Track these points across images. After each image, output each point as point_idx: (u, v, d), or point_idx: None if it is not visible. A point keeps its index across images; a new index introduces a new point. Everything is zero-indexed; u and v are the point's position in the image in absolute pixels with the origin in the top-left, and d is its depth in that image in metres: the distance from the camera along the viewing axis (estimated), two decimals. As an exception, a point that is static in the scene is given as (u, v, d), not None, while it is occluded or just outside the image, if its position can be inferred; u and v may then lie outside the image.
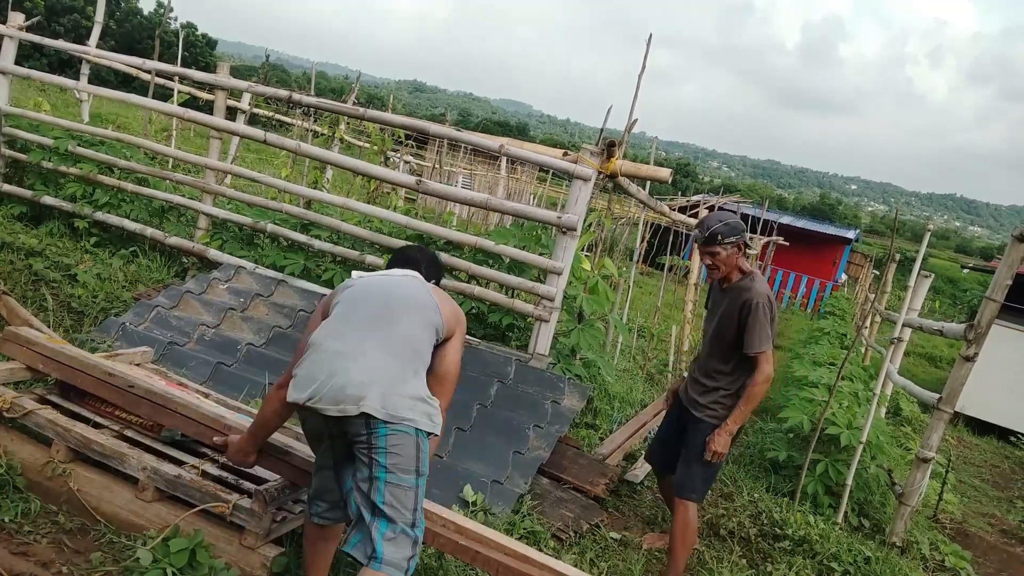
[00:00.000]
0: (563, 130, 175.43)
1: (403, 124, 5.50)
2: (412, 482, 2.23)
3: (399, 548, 2.19)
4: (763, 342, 3.29)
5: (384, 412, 2.18)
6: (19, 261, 4.99)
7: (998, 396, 9.45)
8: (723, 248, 3.33)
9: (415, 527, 2.24)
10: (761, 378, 3.34)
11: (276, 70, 37.35)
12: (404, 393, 2.23)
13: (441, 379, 2.48)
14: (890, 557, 4.07)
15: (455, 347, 2.54)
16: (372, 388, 2.19)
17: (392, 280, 2.52)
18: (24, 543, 2.50)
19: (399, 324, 2.35)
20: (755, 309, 3.29)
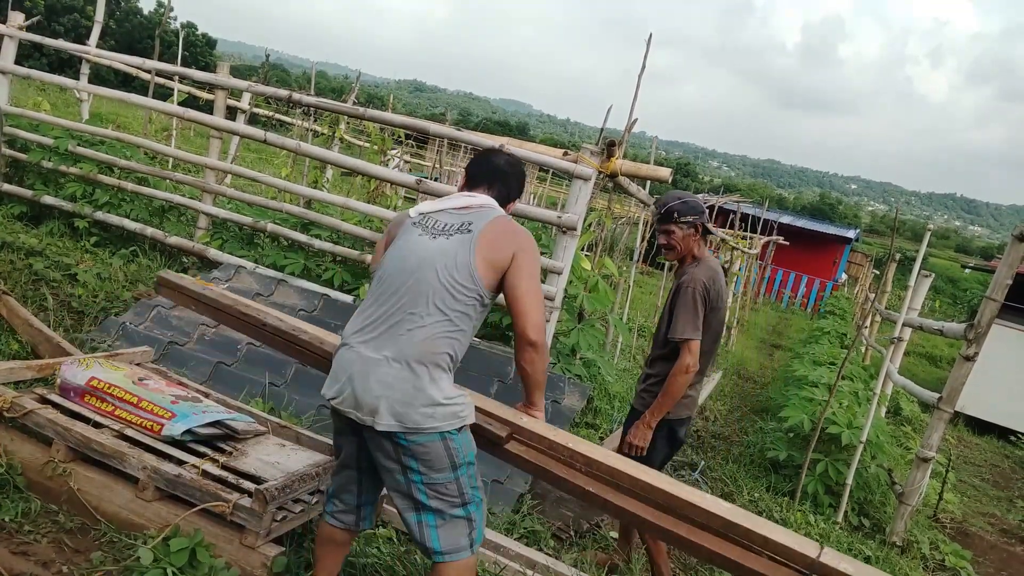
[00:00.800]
0: (563, 130, 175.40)
1: (403, 124, 5.50)
2: (450, 476, 2.20)
3: (453, 533, 2.22)
4: (687, 329, 3.04)
5: (400, 425, 2.14)
6: (19, 261, 4.99)
7: (998, 396, 9.45)
8: (678, 227, 3.17)
9: (466, 505, 2.25)
10: (680, 368, 3.05)
11: (276, 70, 37.35)
12: (420, 402, 2.15)
13: (514, 317, 2.31)
14: (890, 556, 4.08)
15: (515, 278, 2.28)
16: (385, 403, 2.14)
17: (428, 243, 2.29)
18: (24, 543, 2.50)
19: (422, 315, 2.20)
20: (684, 293, 3.08)
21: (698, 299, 3.07)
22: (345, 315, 4.89)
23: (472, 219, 2.32)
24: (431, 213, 2.39)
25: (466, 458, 2.25)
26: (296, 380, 4.21)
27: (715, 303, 3.15)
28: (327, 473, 2.76)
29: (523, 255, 2.30)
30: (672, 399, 3.10)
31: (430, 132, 5.33)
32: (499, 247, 2.28)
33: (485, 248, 2.26)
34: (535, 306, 2.29)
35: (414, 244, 2.32)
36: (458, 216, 2.35)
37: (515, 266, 2.28)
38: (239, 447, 2.92)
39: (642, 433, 3.15)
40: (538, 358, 2.34)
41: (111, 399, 2.90)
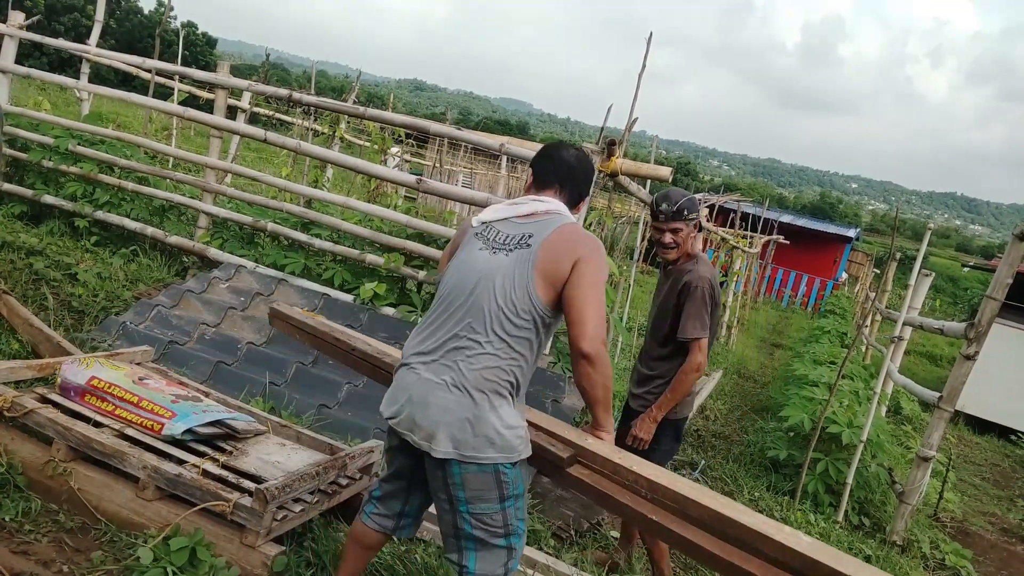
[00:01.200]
0: (563, 129, 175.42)
1: (403, 123, 5.50)
2: (497, 507, 2.14)
3: (491, 560, 2.18)
4: (697, 328, 3.08)
5: (457, 453, 2.06)
6: (19, 260, 4.99)
7: (998, 395, 9.45)
8: (686, 224, 3.16)
9: (509, 536, 2.19)
10: (691, 367, 3.11)
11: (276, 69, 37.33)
12: (479, 432, 2.07)
13: (568, 326, 2.13)
14: (890, 556, 4.08)
15: (573, 287, 2.11)
16: (444, 430, 2.07)
17: (487, 259, 2.19)
18: (25, 542, 2.50)
19: (482, 342, 2.11)
20: (693, 292, 3.09)
21: (706, 298, 3.09)
22: (345, 314, 4.89)
23: (534, 230, 2.19)
24: (494, 223, 2.27)
25: (516, 490, 2.17)
26: (296, 380, 4.21)
27: (717, 299, 3.18)
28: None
29: (584, 264, 2.14)
30: (681, 396, 3.16)
31: (430, 131, 5.33)
32: (559, 259, 2.14)
33: (544, 263, 2.14)
34: (593, 315, 2.11)
35: (474, 259, 2.21)
36: (520, 227, 2.22)
37: (575, 274, 2.13)
38: (239, 446, 2.92)
39: (647, 427, 3.18)
40: (594, 372, 2.13)
41: (111, 398, 2.90)
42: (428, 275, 5.02)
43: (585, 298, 2.12)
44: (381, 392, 4.16)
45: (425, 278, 5.03)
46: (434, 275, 5.00)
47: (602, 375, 2.14)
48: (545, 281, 2.13)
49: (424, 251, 5.05)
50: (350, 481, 2.92)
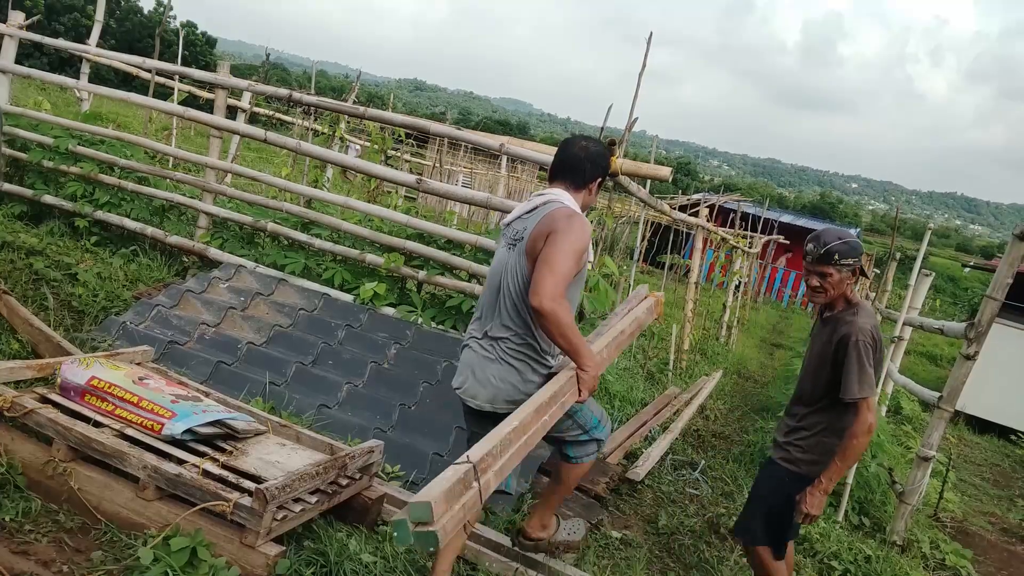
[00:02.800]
0: (564, 129, 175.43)
1: (403, 123, 5.50)
2: (567, 422, 2.66)
3: (582, 448, 2.79)
4: (863, 387, 2.81)
5: (507, 407, 2.49)
6: (20, 260, 4.99)
7: (999, 395, 9.44)
8: (837, 270, 2.88)
9: (589, 431, 2.76)
10: (861, 429, 2.81)
11: (276, 69, 37.32)
12: (524, 391, 2.54)
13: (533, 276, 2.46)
14: (890, 556, 4.07)
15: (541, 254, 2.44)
16: (499, 394, 2.58)
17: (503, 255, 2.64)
18: (25, 542, 2.50)
19: (507, 324, 2.59)
20: (852, 347, 2.83)
21: (870, 352, 2.85)
22: (345, 314, 4.90)
23: (529, 223, 2.58)
24: (512, 222, 2.68)
25: (574, 408, 2.63)
26: (296, 380, 4.21)
27: (880, 353, 2.92)
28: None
29: (555, 234, 2.44)
30: (852, 462, 2.93)
31: (430, 131, 5.33)
32: (539, 239, 2.49)
33: (529, 247, 2.52)
34: (547, 274, 2.38)
35: (499, 256, 2.69)
36: (523, 221, 2.62)
37: (546, 243, 2.44)
38: (239, 446, 2.92)
39: (820, 501, 2.89)
40: (548, 324, 2.40)
41: (111, 398, 2.90)
42: (427, 275, 5.02)
43: (544, 258, 2.42)
44: (381, 393, 4.17)
45: (424, 278, 5.03)
46: (433, 273, 5.00)
47: (557, 325, 2.41)
48: (531, 262, 2.50)
49: (424, 251, 5.05)
50: (350, 481, 2.92)
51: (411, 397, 4.20)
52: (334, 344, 4.58)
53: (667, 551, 3.88)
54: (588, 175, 2.70)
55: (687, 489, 4.73)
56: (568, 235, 2.44)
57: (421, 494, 1.78)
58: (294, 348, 4.49)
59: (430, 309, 5.05)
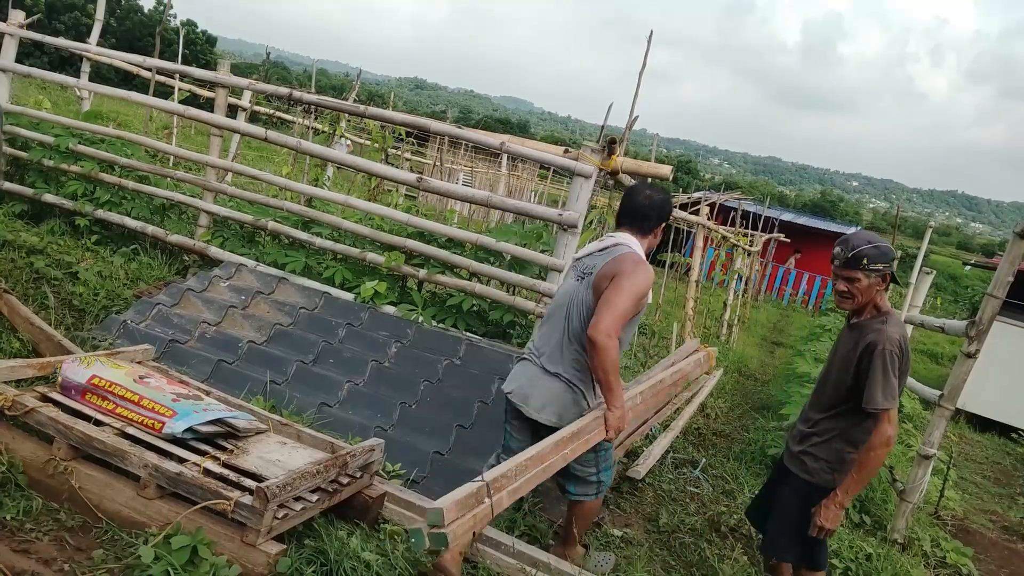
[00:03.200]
0: (564, 127, 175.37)
1: (404, 121, 5.49)
2: (590, 455, 3.00)
3: (584, 488, 3.14)
4: (887, 398, 2.73)
5: (560, 422, 2.93)
6: (20, 259, 4.99)
7: (999, 393, 9.44)
8: (865, 275, 2.82)
9: (598, 474, 3.13)
10: (879, 441, 2.74)
11: (277, 67, 37.31)
12: (575, 410, 2.97)
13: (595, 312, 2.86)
14: (891, 554, 4.07)
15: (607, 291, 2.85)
16: (550, 407, 2.98)
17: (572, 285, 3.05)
18: (26, 541, 2.50)
19: (568, 346, 2.98)
20: (879, 356, 2.74)
21: (895, 363, 2.76)
22: (346, 313, 4.89)
23: (598, 261, 2.99)
24: (583, 257, 3.12)
25: (602, 446, 3.02)
26: (297, 378, 4.21)
27: (906, 364, 2.83)
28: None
29: (620, 276, 2.85)
30: (870, 475, 2.83)
31: (431, 130, 5.32)
32: (605, 278, 2.89)
33: (596, 283, 2.92)
34: (608, 313, 2.77)
35: (567, 284, 3.12)
36: (593, 258, 3.03)
37: (611, 283, 2.85)
38: (240, 445, 2.92)
39: (835, 515, 2.84)
40: (596, 356, 2.77)
41: (112, 397, 2.90)
42: (428, 273, 5.02)
43: (607, 299, 2.82)
44: (382, 392, 4.17)
45: (425, 276, 5.03)
46: (434, 272, 5.00)
47: (603, 360, 2.77)
48: (596, 296, 2.90)
49: (424, 250, 5.05)
50: (351, 479, 2.92)
51: (412, 396, 4.20)
52: (335, 343, 4.58)
53: (668, 549, 3.88)
54: (653, 223, 3.09)
55: (688, 487, 4.73)
56: (632, 279, 2.83)
57: (438, 502, 2.16)
58: (295, 347, 4.50)
59: (431, 308, 5.05)
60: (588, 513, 3.25)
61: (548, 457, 2.56)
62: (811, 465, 2.97)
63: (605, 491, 3.25)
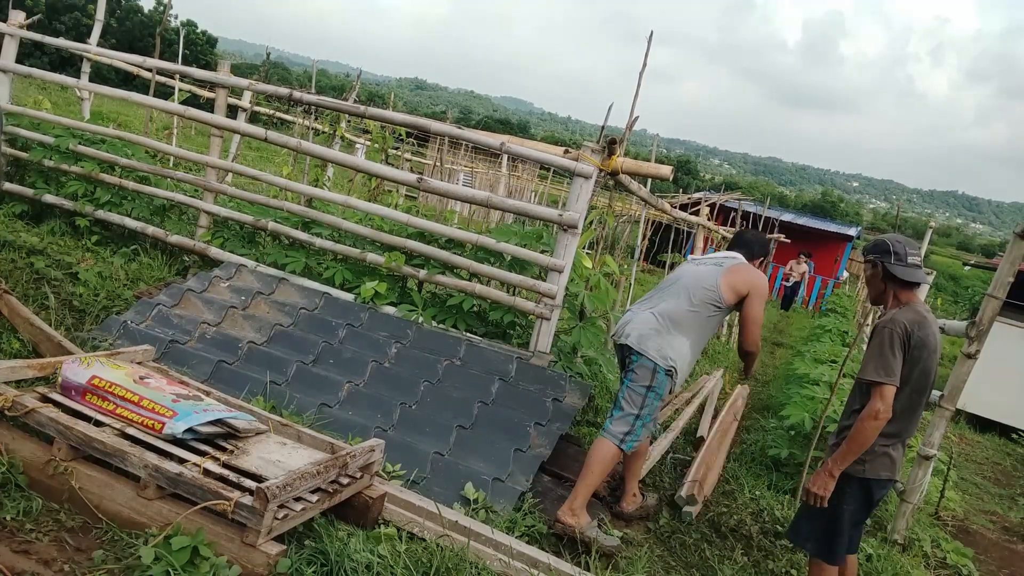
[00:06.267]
0: (564, 128, 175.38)
1: (404, 122, 5.50)
2: (642, 391, 3.60)
3: (618, 425, 3.61)
4: (880, 372, 2.80)
5: (637, 345, 3.62)
6: (20, 259, 4.99)
7: (1000, 393, 9.43)
8: (865, 265, 3.08)
9: (638, 418, 3.61)
10: (868, 413, 2.81)
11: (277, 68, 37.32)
12: (650, 338, 3.62)
13: (742, 327, 3.90)
14: (892, 554, 4.07)
15: (747, 306, 3.78)
16: (635, 332, 3.66)
17: (693, 268, 3.89)
18: (26, 541, 2.50)
19: (669, 299, 3.74)
20: (877, 333, 2.87)
21: (895, 341, 2.82)
22: (346, 314, 4.89)
23: (724, 260, 3.88)
24: (701, 259, 4.00)
25: (658, 389, 3.61)
26: (297, 379, 4.21)
27: (917, 352, 2.87)
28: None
29: (754, 293, 3.75)
30: (859, 446, 2.86)
31: (431, 130, 5.33)
32: (739, 280, 3.74)
33: (729, 276, 3.74)
34: (754, 328, 3.82)
35: (684, 267, 4.00)
36: (716, 258, 3.94)
37: (749, 299, 3.75)
38: (240, 445, 2.92)
39: (822, 481, 2.91)
40: (751, 355, 3.99)
41: (112, 398, 2.90)
42: (428, 274, 5.02)
43: (753, 318, 3.81)
44: (382, 393, 4.17)
45: (425, 277, 5.03)
46: (434, 272, 5.00)
47: (753, 354, 4.00)
48: (727, 286, 3.72)
49: (425, 250, 5.05)
50: (351, 480, 2.92)
51: (412, 396, 4.20)
52: (335, 343, 4.58)
53: (668, 550, 3.88)
54: (757, 251, 4.02)
55: (688, 488, 4.72)
56: (761, 301, 3.78)
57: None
58: (295, 347, 4.50)
59: (431, 308, 5.05)
60: (600, 457, 3.57)
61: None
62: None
63: (630, 447, 3.60)
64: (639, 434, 3.62)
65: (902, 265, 2.98)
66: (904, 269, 2.98)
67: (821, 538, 3.07)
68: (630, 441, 3.59)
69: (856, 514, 3.07)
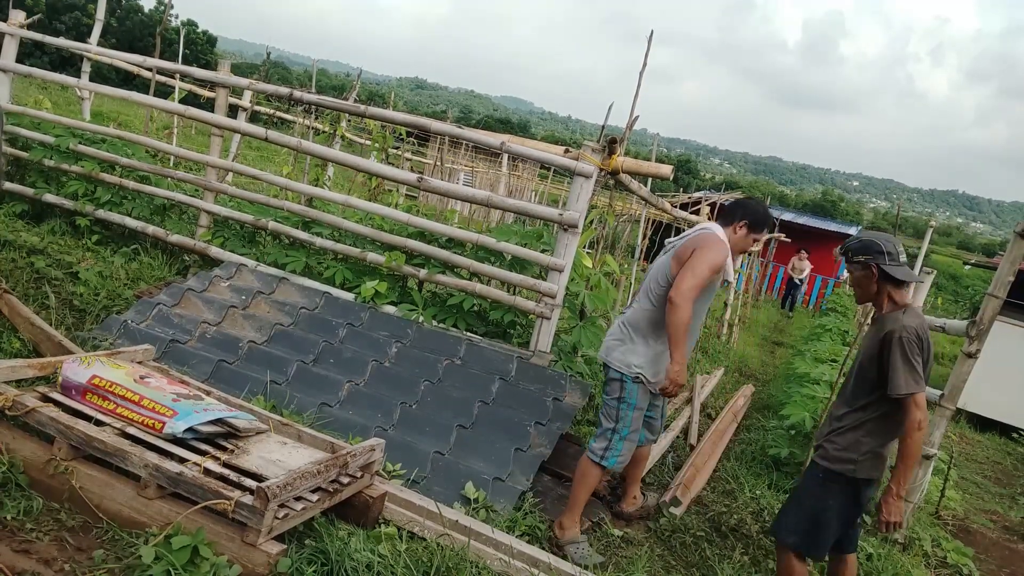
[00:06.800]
0: (564, 127, 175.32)
1: (404, 121, 5.49)
2: (614, 403, 3.48)
3: (598, 441, 3.53)
4: (911, 383, 2.81)
5: (604, 358, 3.56)
6: (21, 259, 4.99)
7: (1000, 392, 9.43)
8: (853, 267, 3.04)
9: (615, 431, 3.48)
10: (911, 426, 2.83)
11: (277, 67, 37.32)
12: (614, 349, 3.52)
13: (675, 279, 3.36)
14: (892, 554, 4.07)
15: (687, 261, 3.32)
16: (603, 344, 3.63)
17: (659, 259, 3.59)
18: (26, 541, 2.50)
19: (636, 302, 3.56)
20: (896, 344, 2.84)
21: (915, 348, 2.85)
22: (346, 313, 4.89)
23: (680, 241, 3.51)
24: (673, 240, 3.61)
25: (629, 399, 3.46)
26: (298, 378, 4.21)
27: (927, 355, 2.92)
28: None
29: (700, 249, 3.32)
30: (915, 460, 2.89)
31: (431, 130, 5.32)
32: (688, 248, 3.37)
33: (679, 254, 3.41)
34: (687, 278, 3.24)
35: (656, 261, 3.64)
36: (682, 238, 3.54)
37: (691, 254, 3.32)
38: (241, 445, 2.92)
39: (896, 507, 2.94)
40: (669, 312, 3.25)
41: (113, 397, 2.90)
42: (429, 273, 5.02)
43: (687, 266, 3.29)
44: (382, 392, 4.17)
45: (426, 276, 5.03)
46: (435, 272, 5.00)
47: (673, 316, 3.23)
48: (677, 263, 3.38)
49: (425, 249, 5.05)
50: (351, 479, 2.92)
51: (412, 396, 4.20)
52: (335, 343, 4.58)
53: (668, 549, 3.88)
54: (737, 218, 3.52)
55: (688, 487, 4.73)
56: (709, 252, 3.30)
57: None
58: (295, 347, 4.50)
59: (431, 308, 5.05)
60: (581, 475, 3.51)
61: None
62: (830, 451, 3.04)
63: (612, 463, 3.47)
64: (619, 449, 3.48)
65: (896, 264, 3.00)
66: (899, 268, 3.00)
67: (806, 533, 3.09)
68: (611, 457, 3.46)
69: (844, 512, 3.08)
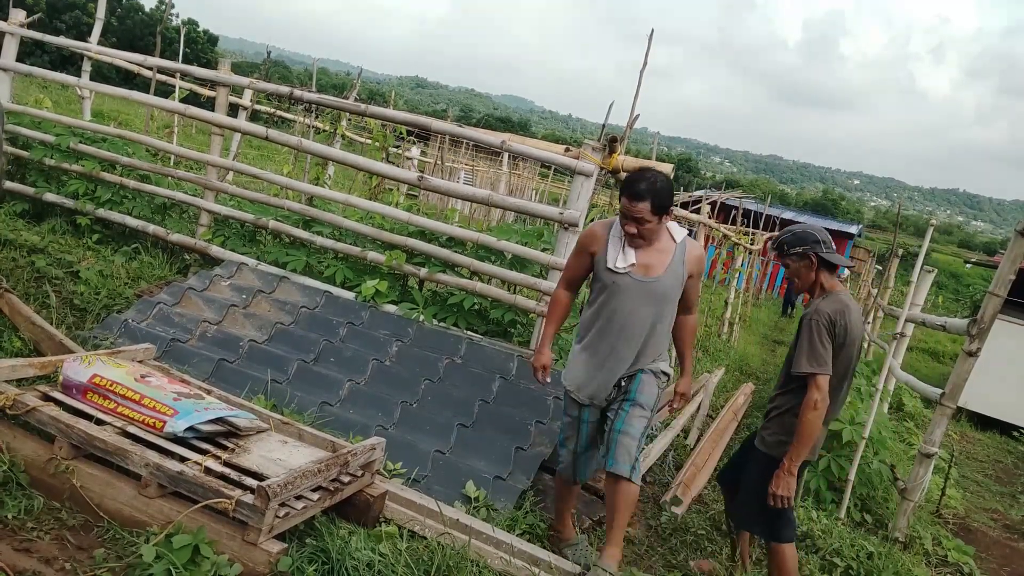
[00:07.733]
0: (565, 126, 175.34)
1: (405, 120, 5.50)
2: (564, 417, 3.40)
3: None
4: (811, 362, 2.91)
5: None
6: (21, 258, 4.99)
7: (1001, 391, 9.43)
8: (791, 260, 3.12)
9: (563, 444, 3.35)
10: (807, 404, 2.91)
11: (277, 66, 37.32)
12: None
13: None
14: (893, 552, 4.07)
15: None
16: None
17: None
18: (27, 540, 2.50)
19: None
20: (805, 326, 2.99)
21: (823, 331, 2.94)
22: (347, 312, 4.89)
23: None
24: None
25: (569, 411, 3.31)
26: (298, 377, 4.21)
27: (842, 339, 3.00)
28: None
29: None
30: (808, 438, 2.95)
31: (432, 129, 5.33)
32: None
33: None
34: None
35: None
36: None
37: None
38: (241, 444, 2.92)
39: (786, 482, 2.99)
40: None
41: (113, 396, 2.90)
42: (429, 272, 5.02)
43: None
44: (383, 391, 4.17)
45: (426, 275, 5.03)
46: (435, 271, 5.00)
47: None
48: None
49: (426, 248, 5.05)
50: (352, 478, 2.92)
51: (413, 395, 4.20)
52: (336, 342, 4.58)
53: (669, 548, 3.88)
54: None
55: (689, 486, 4.73)
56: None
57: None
58: (296, 346, 4.50)
59: (432, 307, 5.05)
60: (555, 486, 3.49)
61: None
62: (768, 439, 3.15)
63: (559, 467, 3.38)
64: (560, 453, 3.37)
65: (831, 251, 3.11)
66: (834, 255, 3.12)
67: (768, 521, 3.16)
68: (559, 462, 3.39)
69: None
